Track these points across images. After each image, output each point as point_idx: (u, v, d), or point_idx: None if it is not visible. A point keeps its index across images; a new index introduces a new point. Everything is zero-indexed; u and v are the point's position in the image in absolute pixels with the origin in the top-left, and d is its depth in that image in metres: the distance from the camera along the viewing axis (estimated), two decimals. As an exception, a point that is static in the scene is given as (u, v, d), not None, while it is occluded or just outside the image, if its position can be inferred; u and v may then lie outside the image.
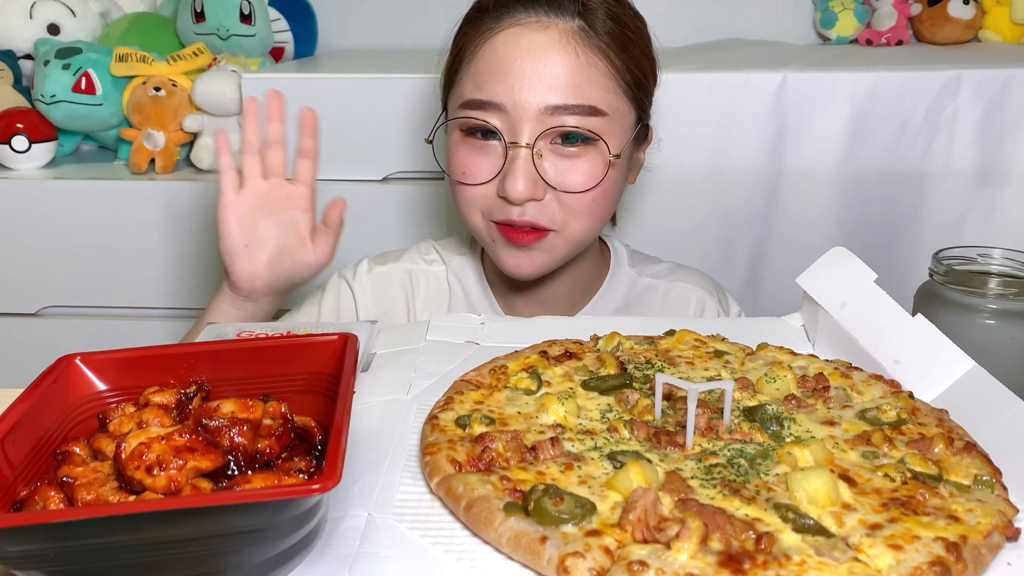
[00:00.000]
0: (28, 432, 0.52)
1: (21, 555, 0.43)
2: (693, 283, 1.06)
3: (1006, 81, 1.27)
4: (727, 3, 1.72)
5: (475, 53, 0.90)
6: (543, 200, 0.89)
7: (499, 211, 0.90)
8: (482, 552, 0.50)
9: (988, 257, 0.84)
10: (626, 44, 0.90)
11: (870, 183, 1.32)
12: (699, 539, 0.46)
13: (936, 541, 0.47)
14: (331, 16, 1.76)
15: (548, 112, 0.87)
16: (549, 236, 0.91)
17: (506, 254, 0.93)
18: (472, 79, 0.90)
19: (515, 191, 0.87)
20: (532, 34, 0.87)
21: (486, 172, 0.90)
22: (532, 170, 0.87)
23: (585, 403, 0.64)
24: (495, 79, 0.88)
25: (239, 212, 0.93)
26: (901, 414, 0.61)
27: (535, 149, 0.87)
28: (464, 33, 0.93)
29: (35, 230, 1.44)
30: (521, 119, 0.87)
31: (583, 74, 0.87)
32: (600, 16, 0.89)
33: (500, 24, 0.89)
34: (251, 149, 0.94)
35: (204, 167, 1.46)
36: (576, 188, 0.89)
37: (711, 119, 1.31)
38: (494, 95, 0.87)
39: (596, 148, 0.89)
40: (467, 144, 0.91)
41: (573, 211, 0.90)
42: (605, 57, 0.88)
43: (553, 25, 0.88)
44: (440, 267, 1.06)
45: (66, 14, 1.59)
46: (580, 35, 0.88)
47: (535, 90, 0.86)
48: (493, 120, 0.88)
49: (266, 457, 0.52)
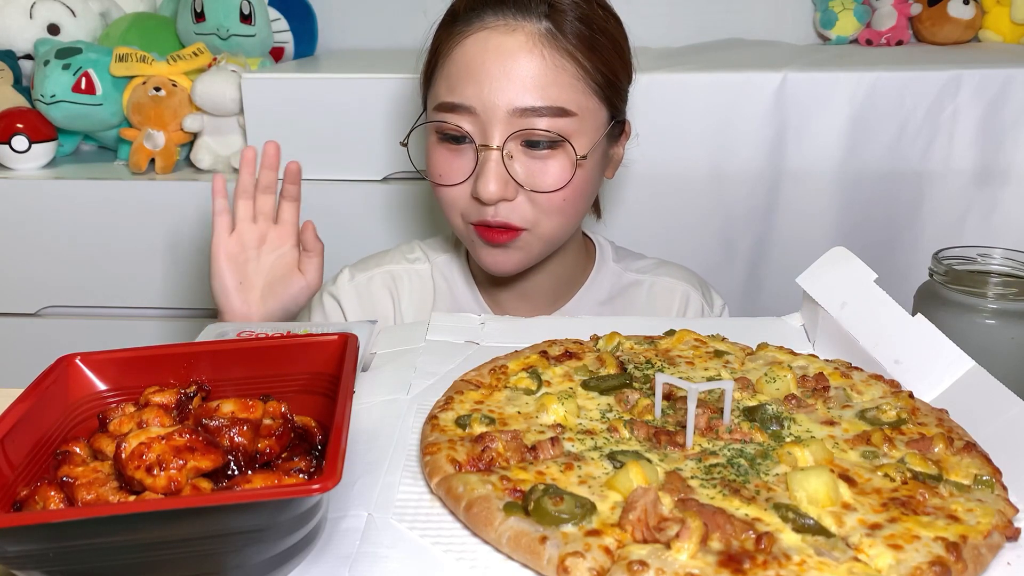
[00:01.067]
0: (28, 432, 0.52)
1: (21, 555, 0.43)
2: (677, 277, 1.08)
3: (1006, 81, 1.27)
4: (727, 3, 1.72)
5: (447, 56, 0.92)
6: (515, 200, 0.91)
7: (475, 212, 0.92)
8: (482, 552, 0.50)
9: (988, 257, 0.84)
10: (595, 45, 0.91)
11: (870, 183, 1.32)
12: (699, 539, 0.46)
13: (936, 541, 0.47)
14: (331, 16, 1.76)
15: (517, 114, 0.88)
16: (523, 235, 0.93)
17: (484, 252, 0.95)
18: (445, 82, 0.92)
19: (487, 192, 0.88)
20: (500, 37, 0.89)
21: (460, 174, 0.92)
22: (503, 171, 0.89)
23: (585, 403, 0.64)
24: (465, 82, 0.89)
25: (231, 252, 0.99)
26: (901, 414, 0.61)
27: (505, 150, 0.89)
28: (439, 36, 0.95)
29: (35, 230, 1.43)
30: (491, 121, 0.88)
31: (550, 76, 0.88)
32: (568, 18, 0.90)
33: (470, 28, 0.91)
34: (245, 195, 1.00)
35: (204, 167, 1.46)
36: (546, 188, 0.90)
37: (711, 119, 1.31)
38: (464, 98, 0.89)
39: (565, 149, 0.90)
40: (442, 147, 0.93)
41: (545, 210, 0.92)
42: (573, 59, 0.89)
43: (520, 28, 0.89)
44: (424, 265, 1.08)
45: (66, 14, 1.59)
46: (547, 37, 0.89)
47: (503, 92, 0.88)
48: (464, 123, 0.90)
49: (266, 457, 0.52)
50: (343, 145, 1.38)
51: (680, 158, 1.32)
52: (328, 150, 1.39)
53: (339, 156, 1.39)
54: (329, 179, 1.40)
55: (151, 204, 1.42)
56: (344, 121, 1.37)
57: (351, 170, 1.40)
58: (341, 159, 1.39)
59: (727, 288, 1.32)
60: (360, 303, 1.07)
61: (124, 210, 1.42)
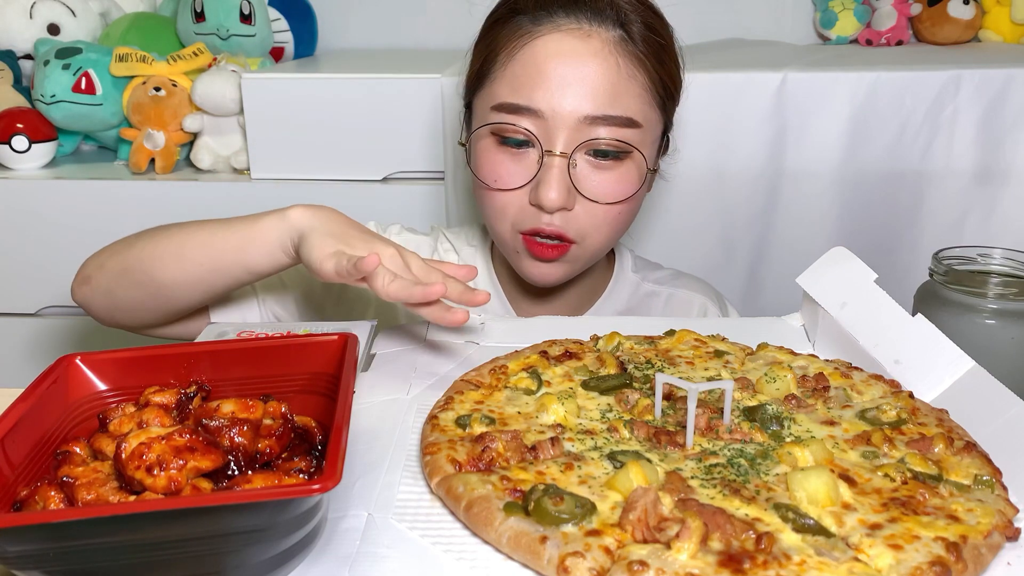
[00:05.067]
0: (28, 432, 0.52)
1: (21, 555, 0.43)
2: (694, 290, 1.06)
3: (1006, 81, 1.27)
4: (727, 3, 1.72)
5: (511, 55, 0.88)
6: (572, 210, 0.88)
7: (528, 220, 0.89)
8: (482, 552, 0.50)
9: (988, 257, 0.84)
10: (661, 55, 0.89)
11: (870, 183, 1.32)
12: (699, 539, 0.46)
13: (936, 541, 0.47)
14: (331, 16, 1.76)
15: (586, 122, 0.85)
16: (571, 249, 0.90)
17: (529, 264, 0.92)
18: (508, 82, 0.88)
19: (549, 199, 0.85)
20: (574, 41, 0.86)
21: (519, 179, 0.88)
22: (567, 179, 0.86)
23: (585, 403, 0.64)
24: (534, 84, 0.86)
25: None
26: (901, 414, 0.61)
27: (571, 159, 0.86)
28: (497, 33, 0.90)
29: (35, 230, 1.43)
30: (558, 127, 0.85)
31: (623, 85, 0.86)
32: (637, 26, 0.88)
33: (540, 28, 0.87)
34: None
35: (204, 167, 1.46)
36: (609, 199, 0.88)
37: (711, 119, 1.31)
38: (532, 100, 0.86)
39: (630, 160, 0.88)
40: (500, 150, 0.89)
41: (599, 223, 0.89)
42: (643, 67, 0.87)
43: (595, 33, 0.86)
44: (454, 256, 1.06)
45: (66, 14, 1.59)
46: (620, 45, 0.86)
47: (575, 98, 0.85)
48: (529, 126, 0.86)
49: (266, 457, 0.52)
50: (343, 145, 1.38)
51: (680, 158, 1.32)
52: (328, 150, 1.39)
53: (339, 156, 1.39)
54: (329, 179, 1.39)
55: (151, 204, 1.42)
56: (344, 121, 1.37)
57: (351, 170, 1.39)
58: (341, 159, 1.39)
59: (727, 288, 1.32)
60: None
61: (124, 210, 1.42)
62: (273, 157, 1.40)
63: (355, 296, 1.02)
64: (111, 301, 0.90)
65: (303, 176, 1.40)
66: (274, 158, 1.40)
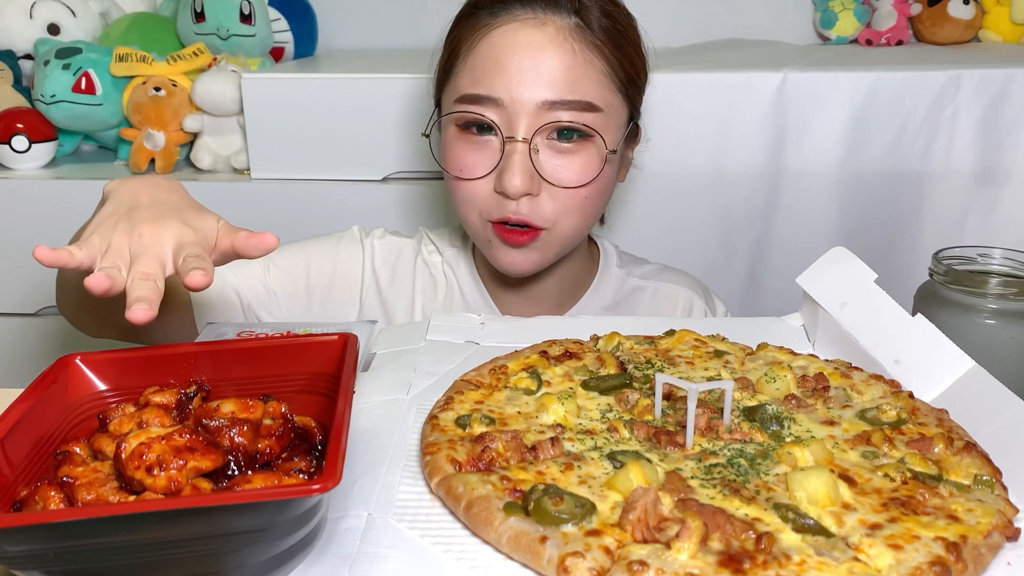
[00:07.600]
0: (28, 432, 0.52)
1: (21, 555, 0.43)
2: (680, 283, 1.07)
3: (1006, 81, 1.27)
4: (727, 3, 1.72)
5: (471, 49, 0.91)
6: (538, 196, 0.90)
7: (495, 209, 0.91)
8: (482, 552, 0.50)
9: (988, 257, 0.84)
10: (619, 41, 0.91)
11: (870, 183, 1.32)
12: (699, 539, 0.46)
13: (936, 541, 0.47)
14: (331, 16, 1.76)
15: (545, 107, 0.87)
16: (541, 235, 0.92)
17: (501, 252, 0.94)
18: (469, 74, 0.91)
19: (512, 185, 0.87)
20: (530, 30, 0.88)
21: (483, 167, 0.90)
22: (529, 164, 0.88)
23: (585, 403, 0.64)
24: (492, 74, 0.88)
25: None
26: (901, 414, 0.61)
27: (531, 144, 0.88)
28: (459, 29, 0.93)
29: (35, 230, 1.43)
30: (518, 114, 0.88)
31: (579, 70, 0.88)
32: (595, 13, 0.90)
33: (497, 20, 0.90)
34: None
35: (204, 167, 1.46)
36: (572, 183, 0.90)
37: (711, 119, 1.31)
38: (492, 90, 0.88)
39: (591, 144, 0.90)
40: (463, 139, 0.91)
41: (566, 208, 0.91)
42: (600, 53, 0.89)
43: (550, 21, 0.89)
44: (437, 257, 1.08)
45: (66, 14, 1.59)
46: (576, 31, 0.89)
47: (532, 85, 0.87)
48: (490, 115, 0.89)
49: (266, 457, 0.52)
50: (343, 145, 1.38)
51: (680, 158, 1.32)
52: (328, 150, 1.39)
53: (339, 156, 1.39)
54: (329, 179, 1.39)
55: (151, 204, 1.42)
56: (344, 121, 1.37)
57: (351, 170, 1.39)
58: (341, 159, 1.39)
59: (727, 288, 1.32)
60: (384, 259, 1.05)
61: (124, 210, 1.42)
62: (273, 157, 1.40)
63: (340, 300, 1.04)
64: (78, 323, 0.94)
65: (303, 176, 1.40)
66: (274, 158, 1.40)
